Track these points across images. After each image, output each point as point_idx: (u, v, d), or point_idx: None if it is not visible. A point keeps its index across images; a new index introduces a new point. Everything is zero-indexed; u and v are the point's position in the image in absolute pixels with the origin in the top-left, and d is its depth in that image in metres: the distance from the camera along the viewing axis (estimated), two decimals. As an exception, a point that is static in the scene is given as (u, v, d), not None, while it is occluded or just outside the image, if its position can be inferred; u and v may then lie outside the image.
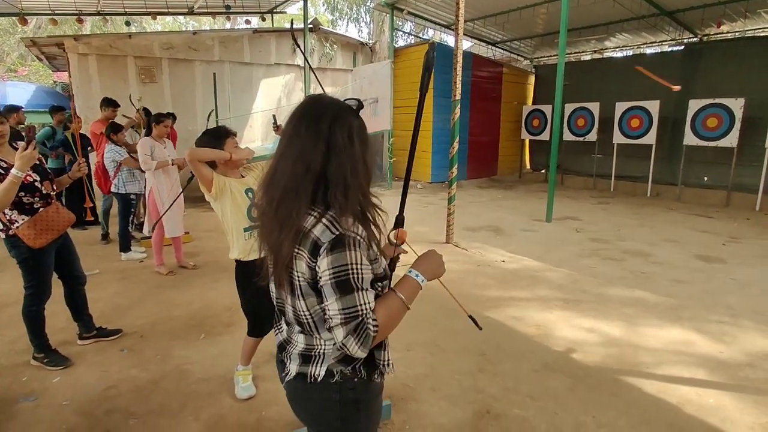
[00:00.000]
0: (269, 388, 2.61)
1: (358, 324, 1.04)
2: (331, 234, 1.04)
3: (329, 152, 1.07)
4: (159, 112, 4.79)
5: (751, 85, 8.30)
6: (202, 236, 5.89)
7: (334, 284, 1.04)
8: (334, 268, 1.03)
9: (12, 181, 2.35)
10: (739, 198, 8.48)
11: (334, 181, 1.07)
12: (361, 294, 1.05)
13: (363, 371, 1.18)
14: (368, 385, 1.20)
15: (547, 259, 5.17)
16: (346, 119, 1.10)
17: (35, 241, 2.58)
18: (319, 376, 1.15)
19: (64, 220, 2.74)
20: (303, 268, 1.08)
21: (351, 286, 1.04)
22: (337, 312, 1.05)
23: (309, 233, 1.06)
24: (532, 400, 2.55)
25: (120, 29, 14.72)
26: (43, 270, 2.74)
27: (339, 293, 1.04)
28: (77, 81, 8.32)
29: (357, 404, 1.20)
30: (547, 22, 10.11)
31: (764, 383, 2.74)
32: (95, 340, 3.13)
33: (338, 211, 1.06)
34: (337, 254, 1.03)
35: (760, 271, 4.75)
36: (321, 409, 1.21)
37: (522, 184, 11.54)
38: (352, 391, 1.18)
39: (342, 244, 1.03)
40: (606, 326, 3.48)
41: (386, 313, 1.10)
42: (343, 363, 1.16)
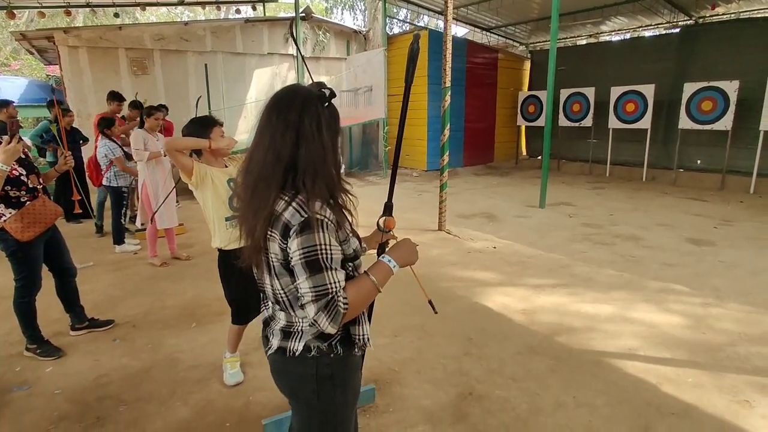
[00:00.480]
0: (257, 374, 2.67)
1: (328, 301, 1.11)
2: (300, 217, 1.10)
3: (298, 141, 1.13)
4: (150, 104, 4.79)
5: (745, 68, 8.27)
6: (195, 228, 5.92)
7: (304, 263, 1.10)
8: (304, 249, 1.10)
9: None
10: (734, 181, 8.49)
11: (303, 168, 1.13)
12: (330, 273, 1.12)
13: (339, 348, 1.24)
14: (344, 361, 1.27)
15: (539, 244, 5.21)
16: (314, 109, 1.15)
17: (23, 234, 2.62)
18: (297, 351, 1.22)
19: (51, 214, 2.78)
20: (276, 250, 1.15)
21: (320, 266, 1.10)
22: (308, 290, 1.11)
23: (280, 216, 1.13)
24: (514, 381, 2.61)
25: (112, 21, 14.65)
26: (31, 262, 2.77)
27: (309, 272, 1.10)
28: (68, 74, 8.30)
29: (332, 379, 1.25)
30: (542, 6, 10.03)
31: (744, 362, 2.79)
32: (88, 330, 3.18)
33: (306, 196, 1.12)
34: (306, 236, 1.09)
35: (749, 253, 4.78)
36: (298, 382, 1.27)
37: (518, 170, 11.54)
38: (328, 367, 1.24)
39: (310, 227, 1.09)
40: (592, 310, 3.53)
41: (357, 293, 1.16)
42: (320, 339, 1.23)
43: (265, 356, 1.34)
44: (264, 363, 2.78)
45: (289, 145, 1.13)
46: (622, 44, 11.21)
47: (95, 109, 7.91)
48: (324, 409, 1.29)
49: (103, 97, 8.28)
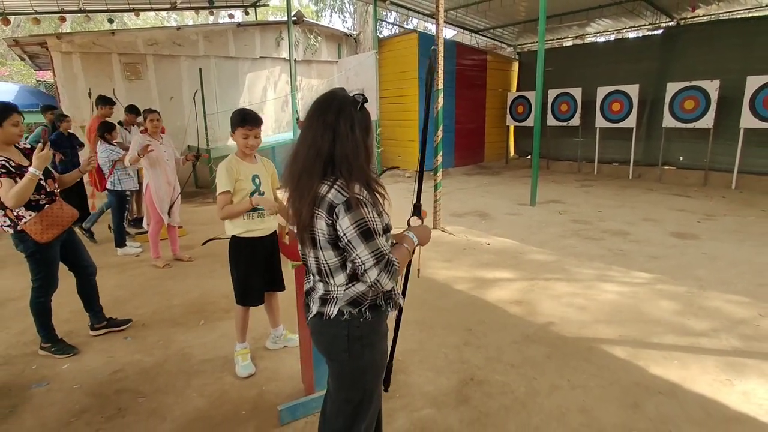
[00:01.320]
0: (268, 366, 2.79)
1: (386, 262, 1.34)
2: (342, 197, 1.32)
3: (335, 139, 1.35)
4: (147, 108, 4.87)
5: (725, 67, 8.56)
6: (196, 230, 6.02)
7: (359, 234, 1.31)
8: (356, 222, 1.31)
9: (30, 179, 2.54)
10: (716, 177, 8.78)
11: (339, 161, 1.36)
12: (380, 239, 1.35)
13: (368, 313, 1.44)
14: (372, 325, 1.46)
15: (531, 240, 5.39)
16: (349, 112, 1.37)
17: (42, 236, 2.72)
18: (332, 315, 1.44)
19: (68, 216, 2.88)
20: (322, 226, 1.36)
21: (372, 234, 1.33)
22: (369, 255, 1.32)
23: (324, 197, 1.34)
24: (512, 367, 2.77)
25: (101, 27, 14.62)
26: (49, 263, 2.87)
27: (365, 240, 1.32)
28: (62, 80, 8.32)
29: (361, 340, 1.45)
30: (528, 8, 10.25)
31: (725, 345, 2.98)
32: (106, 330, 3.26)
33: (345, 181, 1.34)
34: (354, 212, 1.31)
35: (730, 245, 5.01)
36: (332, 342, 1.47)
37: (508, 170, 11.76)
38: (358, 329, 1.44)
39: (356, 204, 1.32)
40: (583, 301, 3.71)
41: (400, 256, 1.44)
42: (351, 305, 1.43)
43: (273, 350, 1.50)
44: (274, 356, 2.93)
45: (328, 143, 1.35)
46: (607, 45, 11.49)
47: (90, 115, 7.93)
48: (354, 366, 1.47)
49: (97, 102, 8.34)
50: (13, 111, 2.67)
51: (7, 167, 2.60)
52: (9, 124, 2.64)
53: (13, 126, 2.66)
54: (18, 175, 2.62)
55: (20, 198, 2.55)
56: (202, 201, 8.29)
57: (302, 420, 2.31)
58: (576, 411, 2.35)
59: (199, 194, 8.81)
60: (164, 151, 4.55)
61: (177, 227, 4.90)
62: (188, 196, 8.38)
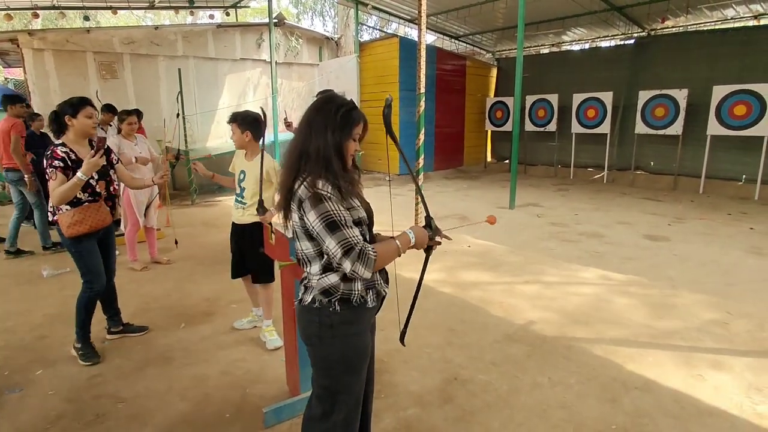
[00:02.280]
0: (251, 369, 2.77)
1: (358, 252, 1.38)
2: (308, 192, 1.41)
3: (311, 133, 1.47)
4: (124, 109, 4.77)
5: (693, 77, 8.93)
6: (174, 232, 5.90)
7: (324, 226, 1.39)
8: (321, 215, 1.39)
9: (75, 183, 2.56)
10: (685, 182, 9.12)
11: (312, 156, 1.45)
12: (347, 230, 1.40)
13: (337, 305, 1.50)
14: (342, 317, 1.51)
15: (510, 243, 5.49)
16: (328, 112, 1.47)
17: (68, 230, 2.69)
18: (306, 301, 1.53)
19: (101, 220, 2.80)
20: (296, 218, 1.48)
21: (337, 225, 1.39)
22: (336, 246, 1.38)
23: (296, 193, 1.45)
24: (494, 366, 2.82)
25: (73, 24, 14.22)
26: (84, 257, 2.81)
27: (331, 232, 1.39)
28: (33, 77, 8.07)
29: (332, 329, 1.51)
30: (507, 16, 10.46)
31: (696, 342, 3.10)
32: (122, 335, 3.18)
33: (311, 176, 1.43)
34: (319, 206, 1.39)
35: (699, 247, 5.22)
36: (306, 326, 1.56)
37: (487, 174, 11.94)
38: (328, 317, 1.51)
39: (319, 199, 1.39)
40: (562, 301, 3.80)
41: (384, 249, 1.47)
42: (323, 295, 1.50)
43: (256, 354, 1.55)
44: (256, 357, 2.91)
45: (303, 140, 1.48)
46: (582, 53, 11.83)
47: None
48: (325, 353, 1.54)
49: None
50: (87, 103, 2.71)
51: (67, 161, 2.63)
52: (83, 116, 2.69)
53: (87, 118, 2.70)
54: (74, 171, 2.62)
55: (62, 198, 2.59)
56: (180, 203, 8.14)
57: (287, 422, 2.30)
58: (557, 407, 2.41)
59: (177, 196, 8.65)
60: (140, 152, 4.47)
61: (155, 229, 4.80)
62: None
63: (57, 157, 2.62)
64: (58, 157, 2.62)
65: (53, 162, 2.60)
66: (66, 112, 2.69)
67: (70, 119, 2.69)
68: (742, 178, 8.50)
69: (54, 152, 2.63)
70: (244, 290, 3.38)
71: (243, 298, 3.78)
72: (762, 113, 7.79)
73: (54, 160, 2.61)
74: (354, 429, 1.64)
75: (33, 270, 4.53)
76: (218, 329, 3.31)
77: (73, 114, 2.68)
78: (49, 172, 2.61)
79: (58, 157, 2.62)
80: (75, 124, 2.70)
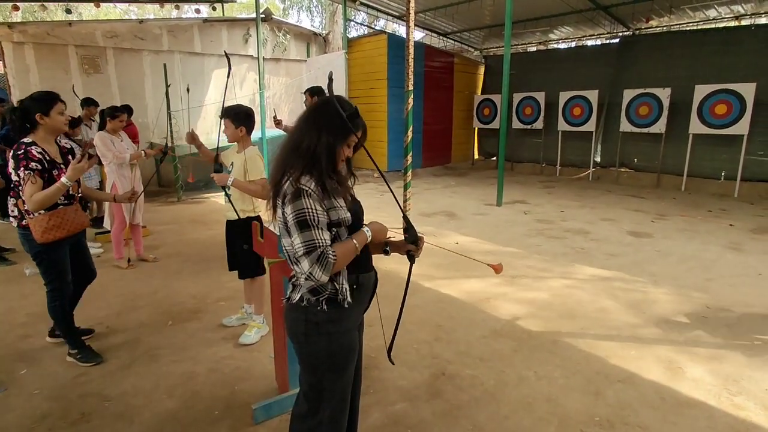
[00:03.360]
0: (240, 365, 2.77)
1: (319, 255, 1.38)
2: (292, 187, 1.43)
3: (306, 131, 1.49)
4: (113, 105, 4.70)
5: (676, 76, 9.09)
6: (161, 230, 5.85)
7: (295, 223, 1.41)
8: (295, 212, 1.41)
9: (59, 188, 2.45)
10: (668, 179, 9.30)
11: (300, 150, 1.47)
12: (316, 231, 1.41)
13: (324, 305, 1.51)
14: (329, 316, 1.52)
15: (497, 239, 5.55)
16: (327, 111, 1.50)
17: (42, 236, 2.54)
18: (294, 300, 1.55)
19: (79, 224, 2.72)
20: (280, 214, 1.48)
21: (307, 224, 1.40)
22: (300, 244, 1.40)
23: (282, 187, 1.46)
24: (481, 361, 2.86)
25: (54, 17, 13.91)
26: (56, 265, 2.70)
27: (300, 230, 1.40)
28: (13, 72, 7.89)
29: (318, 327, 1.52)
30: (494, 14, 10.52)
31: (677, 336, 3.18)
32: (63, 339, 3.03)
33: (297, 172, 1.45)
34: (296, 201, 1.41)
35: (680, 243, 5.34)
36: (293, 324, 1.57)
37: (474, 171, 12.02)
38: (315, 315, 1.52)
39: (299, 195, 1.41)
40: (548, 296, 3.86)
41: (343, 250, 1.46)
42: (311, 293, 1.52)
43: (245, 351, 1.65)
44: (245, 354, 2.90)
45: (300, 133, 1.50)
46: (569, 52, 11.95)
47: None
48: (311, 351, 1.55)
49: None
50: (57, 99, 2.57)
51: (43, 163, 2.49)
52: (55, 112, 2.56)
53: (60, 114, 2.58)
54: (48, 172, 2.51)
55: (42, 205, 2.46)
56: (165, 200, 8.05)
57: (276, 419, 2.31)
58: (542, 400, 2.46)
59: (163, 193, 8.55)
60: (126, 148, 4.43)
61: (141, 227, 4.75)
62: (151, 195, 8.13)
63: (34, 159, 2.45)
64: (35, 159, 2.45)
65: (29, 164, 2.43)
66: (38, 110, 2.51)
67: (42, 117, 2.52)
68: (721, 176, 8.69)
69: (30, 153, 2.46)
70: (231, 288, 3.38)
71: (231, 295, 3.77)
72: (742, 112, 7.97)
73: (30, 161, 2.44)
74: (341, 426, 1.65)
75: (15, 268, 4.45)
76: (206, 326, 3.29)
77: (45, 111, 2.52)
78: (24, 175, 2.42)
79: (35, 158, 2.46)
80: (48, 122, 2.54)
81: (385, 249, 1.69)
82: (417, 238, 1.65)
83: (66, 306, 2.81)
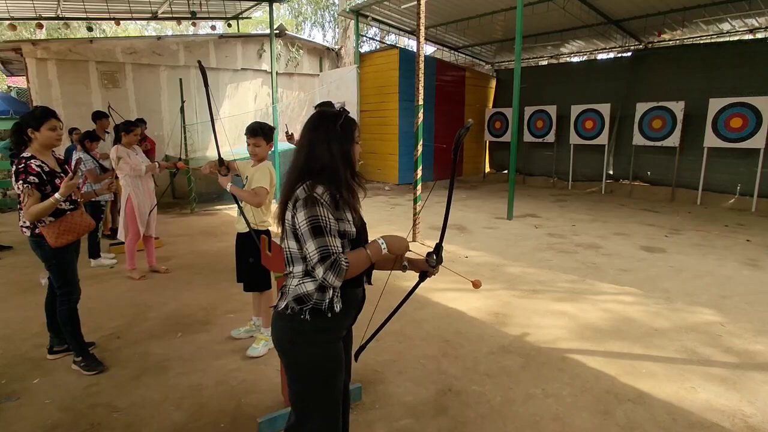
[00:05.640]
0: (247, 378, 2.79)
1: (332, 262, 1.41)
2: (305, 194, 1.46)
3: (312, 147, 1.54)
4: (128, 120, 4.83)
5: (689, 89, 9.01)
6: (173, 241, 5.94)
7: (309, 229, 1.43)
8: (308, 218, 1.43)
9: (52, 203, 2.59)
10: (683, 193, 9.17)
11: (315, 165, 1.52)
12: (330, 238, 1.44)
13: (307, 314, 1.52)
14: (314, 326, 1.53)
15: (507, 253, 5.51)
16: (324, 125, 1.55)
17: (56, 240, 2.70)
18: (279, 308, 1.57)
19: (86, 226, 2.88)
20: (288, 217, 1.51)
21: (321, 231, 1.43)
22: (314, 250, 1.42)
23: (295, 194, 1.50)
24: (488, 377, 2.83)
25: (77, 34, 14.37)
26: (66, 269, 2.85)
27: (313, 236, 1.43)
28: (36, 87, 8.17)
29: (303, 336, 1.54)
30: (505, 28, 10.60)
31: (691, 355, 3.12)
32: (66, 354, 3.05)
33: (311, 182, 1.49)
34: (310, 208, 1.44)
35: (694, 259, 5.24)
36: (279, 332, 1.59)
37: (485, 184, 12.00)
38: (300, 324, 1.52)
39: (313, 202, 1.44)
40: (557, 312, 3.82)
41: (355, 258, 1.48)
42: (296, 302, 1.53)
43: (252, 364, 1.62)
44: (252, 367, 2.92)
45: (306, 156, 1.54)
46: (580, 65, 11.95)
47: (65, 122, 7.79)
48: (296, 360, 1.56)
49: (72, 110, 8.23)
50: (51, 116, 2.71)
51: (41, 174, 2.63)
52: (47, 128, 2.68)
53: (51, 130, 2.70)
54: (48, 183, 2.65)
55: (37, 217, 2.61)
56: (179, 212, 8.18)
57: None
58: (550, 419, 2.42)
59: (176, 205, 8.69)
60: (141, 161, 4.53)
61: (154, 238, 4.83)
62: (165, 207, 8.27)
63: (32, 172, 2.59)
64: (33, 172, 2.59)
65: (28, 177, 2.57)
66: (29, 125, 2.65)
67: (33, 132, 2.65)
68: (737, 190, 8.53)
69: (29, 167, 2.59)
70: (241, 300, 3.41)
71: (239, 308, 3.81)
72: (758, 126, 7.86)
73: (29, 175, 2.57)
74: None
75: (32, 278, 4.55)
76: (215, 338, 3.33)
77: (36, 127, 2.65)
78: (24, 188, 2.56)
79: (33, 171, 2.59)
80: (38, 137, 2.66)
81: (404, 265, 1.72)
82: (437, 262, 1.69)
83: (74, 311, 2.90)
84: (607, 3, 8.68)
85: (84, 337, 2.99)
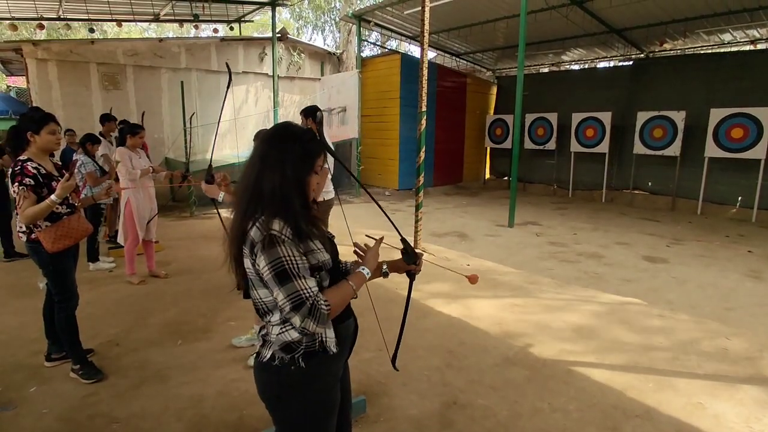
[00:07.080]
0: (249, 389, 2.73)
1: (310, 308, 1.23)
2: (261, 235, 1.25)
3: (264, 170, 1.31)
4: (135, 123, 4.81)
5: (690, 99, 9.03)
6: (173, 245, 5.89)
7: (274, 275, 1.24)
8: (271, 262, 1.24)
9: (48, 205, 2.55)
10: (683, 203, 9.17)
11: (264, 194, 1.30)
12: (300, 281, 1.24)
13: (301, 361, 1.34)
14: (308, 374, 1.35)
15: (509, 262, 5.49)
16: (282, 143, 1.33)
17: (53, 246, 2.66)
18: (265, 358, 1.37)
19: (83, 230, 2.84)
20: (248, 265, 1.31)
21: (288, 275, 1.24)
22: (284, 299, 1.24)
23: (248, 235, 1.28)
24: (494, 390, 2.79)
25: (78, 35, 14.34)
26: (64, 275, 2.80)
27: (280, 283, 1.24)
28: (36, 87, 8.11)
29: (293, 388, 1.36)
30: (507, 35, 10.61)
31: (696, 369, 3.09)
32: (64, 361, 3.01)
33: (266, 217, 1.27)
34: (270, 251, 1.23)
35: (697, 270, 5.23)
36: (265, 386, 1.41)
37: (486, 191, 11.98)
38: (289, 377, 1.35)
39: (272, 242, 1.23)
40: (561, 323, 3.78)
41: (339, 296, 1.34)
42: (284, 351, 1.35)
43: (251, 372, 1.49)
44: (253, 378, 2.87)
45: (257, 174, 1.31)
46: (582, 73, 11.98)
47: (64, 124, 7.75)
48: (288, 417, 1.40)
49: (72, 111, 8.19)
50: (50, 120, 2.69)
51: (38, 177, 2.60)
52: (46, 132, 2.66)
53: (50, 134, 2.67)
54: (46, 186, 2.62)
55: (33, 219, 2.58)
56: (178, 215, 8.12)
57: (284, 445, 2.27)
58: (557, 435, 2.39)
59: (176, 208, 8.64)
60: (144, 165, 4.49)
61: (153, 242, 4.78)
62: (165, 210, 8.21)
63: (29, 174, 2.56)
64: (29, 174, 2.56)
65: (24, 179, 2.54)
66: (29, 128, 2.63)
67: (33, 135, 2.63)
68: (737, 201, 8.54)
69: (25, 168, 2.56)
70: (241, 307, 3.36)
71: (240, 315, 3.76)
72: (759, 137, 7.87)
73: (25, 177, 2.54)
74: None
75: (29, 282, 4.50)
76: (216, 347, 3.28)
77: (36, 130, 2.63)
78: (20, 191, 2.53)
79: (29, 174, 2.56)
80: (37, 140, 2.64)
81: (384, 271, 1.63)
82: (416, 258, 1.60)
83: (73, 318, 2.85)
84: (610, 12, 8.70)
85: (82, 344, 2.95)
